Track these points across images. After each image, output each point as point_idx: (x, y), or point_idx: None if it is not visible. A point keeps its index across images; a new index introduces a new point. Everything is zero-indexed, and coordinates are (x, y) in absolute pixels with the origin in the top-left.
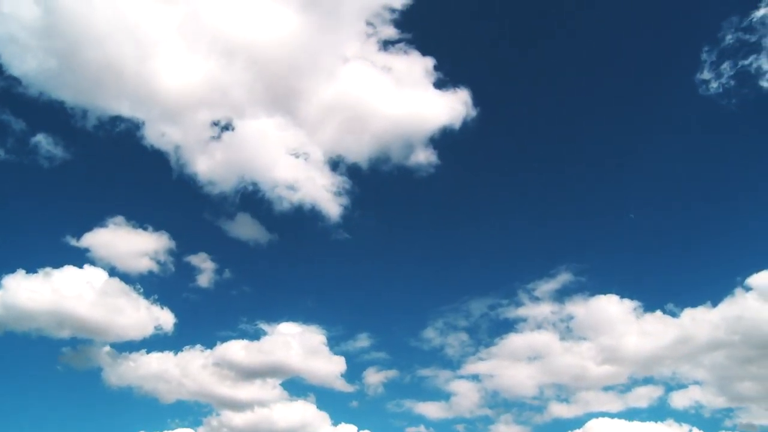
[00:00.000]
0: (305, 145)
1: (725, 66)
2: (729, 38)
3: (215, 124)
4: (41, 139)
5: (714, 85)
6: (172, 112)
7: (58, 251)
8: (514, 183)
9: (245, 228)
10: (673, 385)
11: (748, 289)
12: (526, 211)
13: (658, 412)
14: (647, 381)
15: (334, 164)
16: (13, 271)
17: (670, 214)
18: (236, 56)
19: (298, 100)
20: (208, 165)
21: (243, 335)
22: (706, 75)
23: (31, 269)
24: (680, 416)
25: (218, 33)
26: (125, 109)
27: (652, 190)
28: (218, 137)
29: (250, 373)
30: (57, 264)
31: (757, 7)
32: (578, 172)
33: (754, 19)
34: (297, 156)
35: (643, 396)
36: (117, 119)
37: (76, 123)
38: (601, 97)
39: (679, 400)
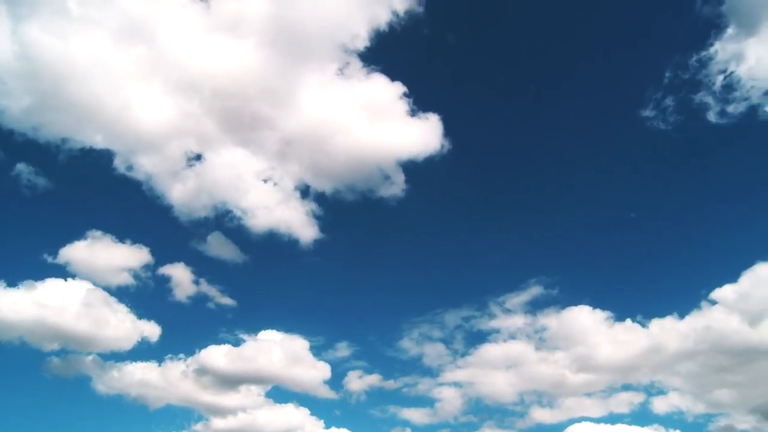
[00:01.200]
0: (275, 173)
1: (671, 102)
2: (675, 76)
3: (187, 154)
4: (22, 168)
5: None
6: (143, 144)
7: (38, 265)
8: (482, 203)
9: (221, 248)
10: (652, 391)
11: (713, 302)
12: (494, 229)
13: (640, 417)
14: (626, 388)
15: (304, 190)
16: None
17: (636, 231)
18: (203, 89)
19: (266, 129)
20: (182, 193)
21: (226, 343)
22: (651, 112)
23: (12, 283)
24: (663, 421)
25: (185, 67)
26: (99, 141)
27: (617, 208)
28: (190, 166)
29: (235, 380)
30: (38, 277)
31: (702, 47)
32: (545, 192)
33: (700, 58)
34: (267, 182)
35: (624, 402)
36: (92, 151)
37: (54, 154)
38: (565, 123)
39: (660, 405)
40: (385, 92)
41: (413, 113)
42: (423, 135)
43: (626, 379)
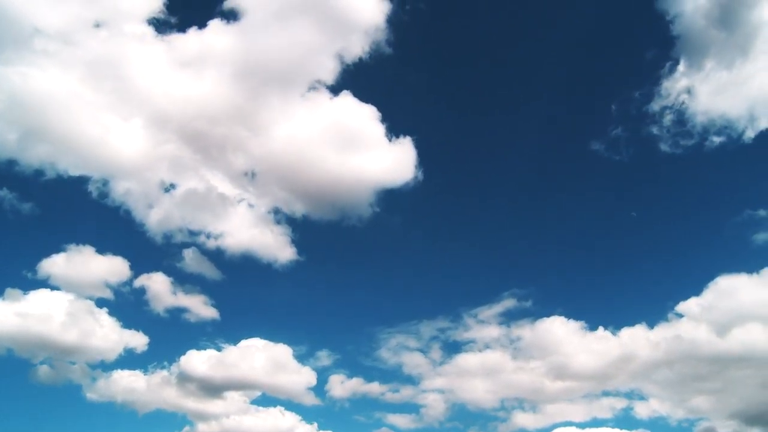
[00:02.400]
0: (249, 197)
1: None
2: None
3: (161, 181)
4: (5, 194)
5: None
6: (119, 172)
7: (20, 278)
8: (454, 222)
9: (198, 265)
10: (633, 398)
11: (679, 315)
12: (467, 246)
13: (624, 422)
14: (606, 394)
15: (279, 214)
16: None
17: (603, 248)
18: (173, 119)
19: (238, 155)
20: (158, 217)
21: (210, 349)
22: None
23: None
24: (647, 425)
25: (155, 99)
26: (75, 169)
27: (586, 226)
28: (165, 191)
29: (220, 387)
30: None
31: (653, 82)
32: (515, 210)
33: (651, 92)
34: (241, 206)
35: (606, 407)
36: (69, 178)
37: (34, 181)
38: (535, 141)
39: (642, 411)
40: (356, 118)
41: (385, 137)
42: (395, 158)
43: (604, 386)
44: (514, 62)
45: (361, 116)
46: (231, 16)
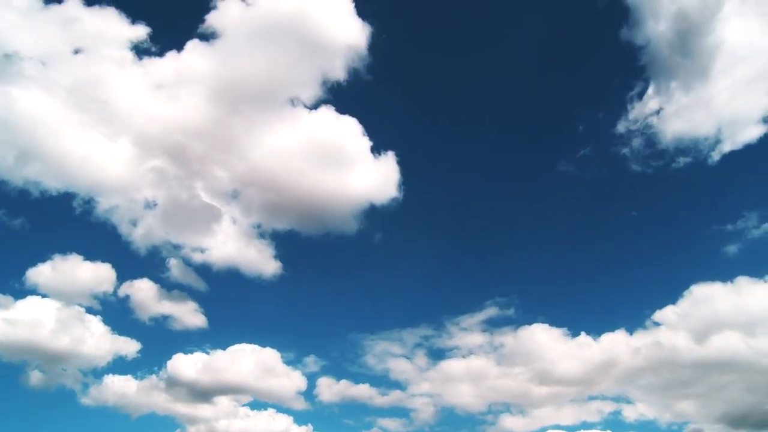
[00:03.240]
0: (233, 213)
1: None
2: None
3: (144, 198)
4: None
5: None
6: (103, 189)
7: (7, 287)
8: (436, 235)
9: (184, 276)
10: (620, 402)
11: (657, 324)
12: (449, 257)
13: (613, 425)
14: (593, 398)
15: (260, 228)
16: None
17: (582, 259)
18: (157, 137)
19: (221, 172)
20: (142, 232)
21: (199, 355)
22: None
23: None
24: (636, 428)
25: (136, 119)
26: (61, 187)
27: (566, 237)
28: (147, 208)
29: (211, 391)
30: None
31: (625, 108)
32: (496, 223)
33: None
34: (225, 222)
35: (594, 411)
36: (56, 195)
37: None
38: (518, 152)
39: (630, 415)
40: (338, 133)
41: (370, 152)
42: (380, 173)
43: (589, 391)
44: (491, 83)
45: (343, 132)
46: (209, 37)
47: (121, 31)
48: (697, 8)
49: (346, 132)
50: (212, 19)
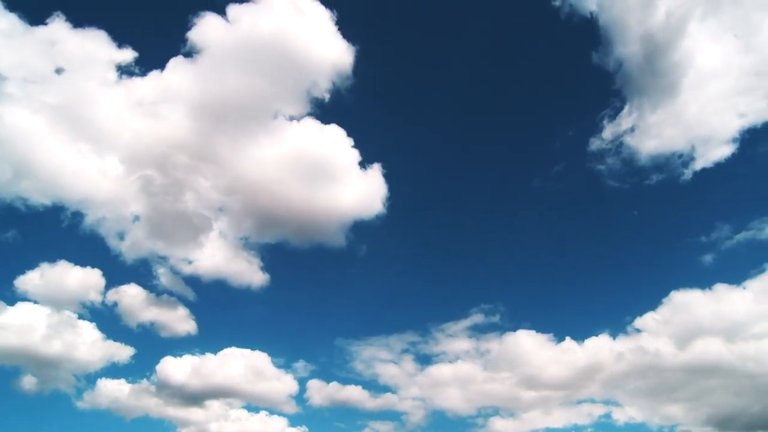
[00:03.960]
0: (221, 226)
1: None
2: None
3: (131, 212)
4: None
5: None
6: (90, 204)
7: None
8: (421, 246)
9: (173, 287)
10: (610, 404)
11: (638, 330)
12: (434, 267)
13: (604, 428)
14: (581, 402)
15: (247, 241)
16: None
17: (564, 268)
18: (144, 152)
19: (209, 187)
20: (130, 244)
21: (190, 359)
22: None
23: None
24: (626, 431)
25: (122, 135)
26: (48, 201)
27: (548, 246)
28: (136, 221)
29: (202, 395)
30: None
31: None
32: (479, 233)
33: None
34: (212, 235)
35: (584, 413)
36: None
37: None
38: (501, 165)
39: (620, 417)
40: (325, 148)
41: (356, 166)
42: (366, 186)
43: (578, 395)
44: (472, 100)
45: (330, 145)
46: (192, 54)
47: (106, 51)
48: (663, 28)
49: (333, 145)
50: (196, 37)
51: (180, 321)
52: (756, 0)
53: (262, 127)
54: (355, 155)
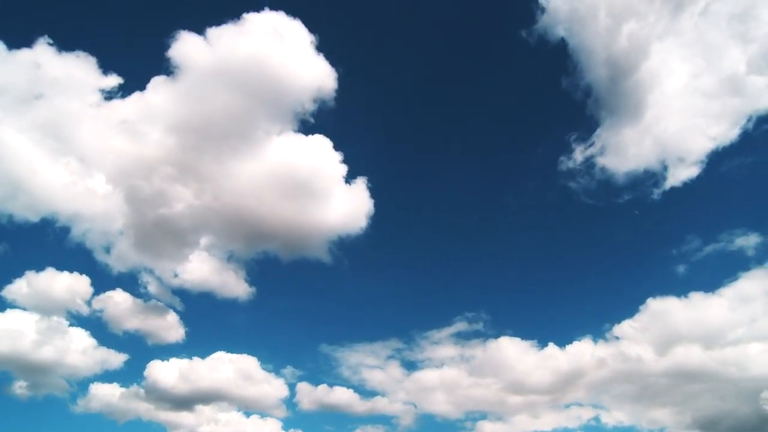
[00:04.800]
0: (205, 242)
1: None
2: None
3: (116, 228)
4: None
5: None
6: (77, 219)
7: None
8: (405, 258)
9: (162, 297)
10: (597, 407)
11: (617, 337)
12: (418, 278)
13: (591, 431)
14: (569, 405)
15: (232, 255)
16: None
17: (543, 279)
18: (129, 169)
19: (194, 201)
20: (117, 256)
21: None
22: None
23: None
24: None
25: (105, 154)
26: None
27: (528, 259)
28: (120, 234)
29: (192, 399)
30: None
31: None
32: (460, 244)
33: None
34: (197, 250)
35: (572, 417)
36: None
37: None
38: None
39: (608, 421)
40: (309, 164)
41: (341, 181)
42: (351, 200)
43: (564, 399)
44: (454, 120)
45: (315, 161)
46: (174, 72)
47: (89, 74)
48: (626, 52)
49: (317, 160)
50: (177, 57)
51: (169, 327)
52: (715, 22)
53: (246, 143)
54: (340, 170)
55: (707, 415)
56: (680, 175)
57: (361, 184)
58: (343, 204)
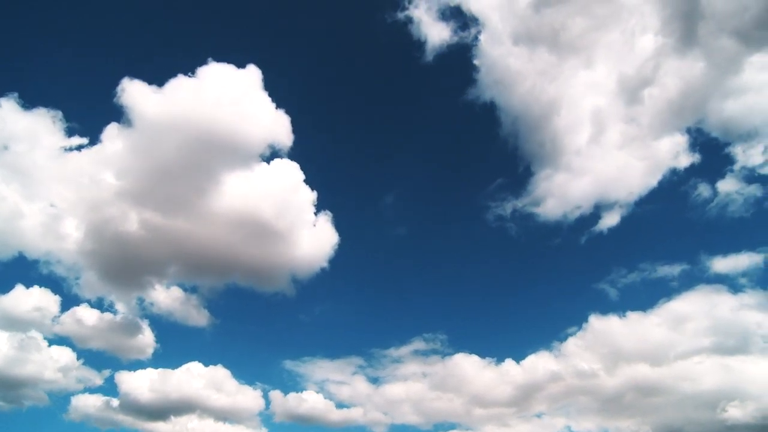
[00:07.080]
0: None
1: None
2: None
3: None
4: None
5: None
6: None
7: None
8: (364, 285)
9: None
10: (568, 415)
11: (566, 355)
12: (378, 300)
13: None
14: (539, 415)
15: (193, 289)
16: None
17: (491, 301)
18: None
19: (158, 238)
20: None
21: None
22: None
23: None
24: None
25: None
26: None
27: (478, 281)
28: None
29: (167, 410)
30: None
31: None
32: (416, 271)
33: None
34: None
35: (546, 426)
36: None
37: None
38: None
39: (577, 429)
40: (272, 198)
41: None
42: (313, 233)
43: (527, 411)
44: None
45: (279, 196)
46: (128, 122)
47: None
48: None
49: (281, 195)
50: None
51: (140, 340)
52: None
53: (207, 182)
54: (304, 204)
55: (671, 423)
56: (605, 217)
57: (324, 219)
58: (307, 238)
